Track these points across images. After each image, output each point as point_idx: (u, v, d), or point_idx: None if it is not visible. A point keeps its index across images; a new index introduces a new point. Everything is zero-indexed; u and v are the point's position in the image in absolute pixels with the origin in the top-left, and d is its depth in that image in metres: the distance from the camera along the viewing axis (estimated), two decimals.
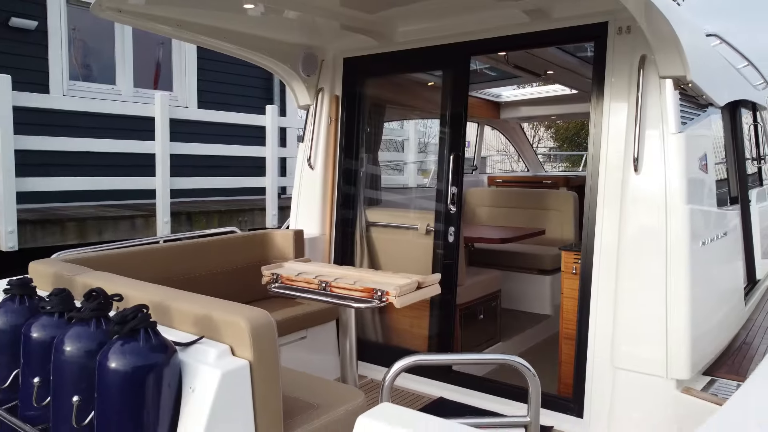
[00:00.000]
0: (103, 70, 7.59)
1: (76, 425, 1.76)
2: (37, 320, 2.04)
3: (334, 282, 2.78)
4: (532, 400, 1.69)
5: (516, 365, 1.72)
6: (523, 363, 1.73)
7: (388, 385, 1.72)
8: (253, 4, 3.03)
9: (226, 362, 1.80)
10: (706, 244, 2.89)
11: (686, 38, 2.60)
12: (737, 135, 4.07)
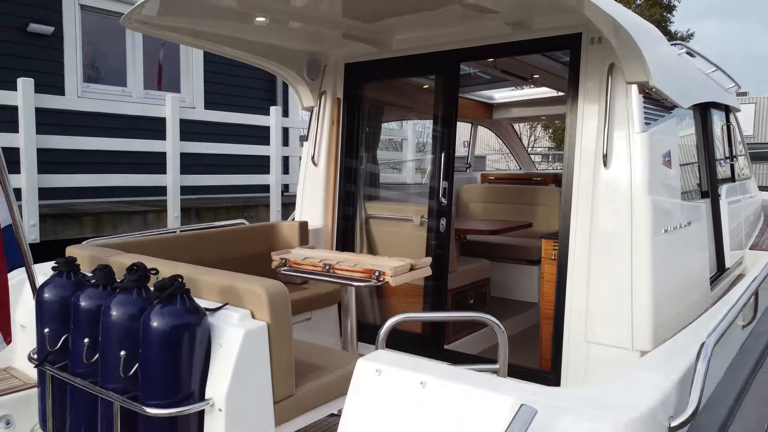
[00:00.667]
0: (114, 73, 7.94)
1: (123, 375, 2.11)
2: (83, 292, 2.38)
3: (337, 265, 3.13)
4: (501, 350, 2.03)
5: (487, 321, 2.06)
6: (493, 319, 2.07)
7: (383, 338, 2.06)
8: (264, 17, 3.38)
9: (248, 324, 2.15)
10: (669, 232, 3.23)
11: (648, 48, 2.94)
12: (707, 134, 4.41)
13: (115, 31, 7.66)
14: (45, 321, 2.47)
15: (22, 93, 5.37)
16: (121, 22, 3.25)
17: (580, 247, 3.31)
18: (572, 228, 3.35)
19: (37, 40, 6.97)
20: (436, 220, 3.96)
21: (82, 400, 2.35)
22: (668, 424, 1.52)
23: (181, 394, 2.05)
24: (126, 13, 3.25)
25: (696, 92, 3.86)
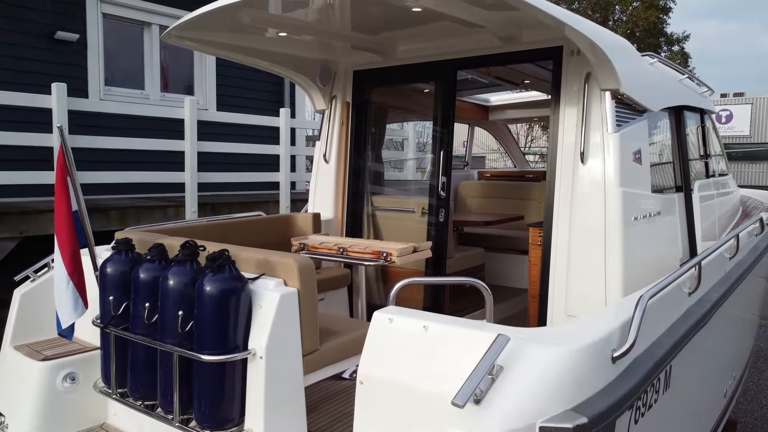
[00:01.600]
0: (133, 77, 8.42)
1: (180, 331, 2.59)
2: (142, 266, 2.86)
3: (350, 248, 3.61)
4: (488, 308, 2.50)
5: (475, 284, 2.53)
6: (480, 282, 2.54)
7: (393, 298, 2.53)
8: (285, 32, 3.87)
9: (282, 289, 2.63)
10: (639, 220, 3.70)
11: (619, 60, 3.41)
12: (681, 134, 4.88)
13: (133, 37, 8.15)
14: (108, 291, 2.95)
15: (56, 97, 5.85)
16: (161, 37, 3.73)
17: (562, 233, 3.78)
18: (555, 217, 3.82)
19: (64, 46, 7.46)
20: (435, 212, 4.44)
21: (141, 355, 2.83)
22: (611, 354, 2.00)
23: (229, 345, 2.53)
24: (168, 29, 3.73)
25: (666, 97, 4.33)
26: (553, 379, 1.80)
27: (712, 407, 3.80)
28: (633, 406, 2.21)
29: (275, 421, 2.56)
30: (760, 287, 5.81)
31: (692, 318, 2.69)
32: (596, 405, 1.81)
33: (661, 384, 2.51)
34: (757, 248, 4.43)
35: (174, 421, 2.64)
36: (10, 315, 3.44)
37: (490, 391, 1.74)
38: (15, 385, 3.17)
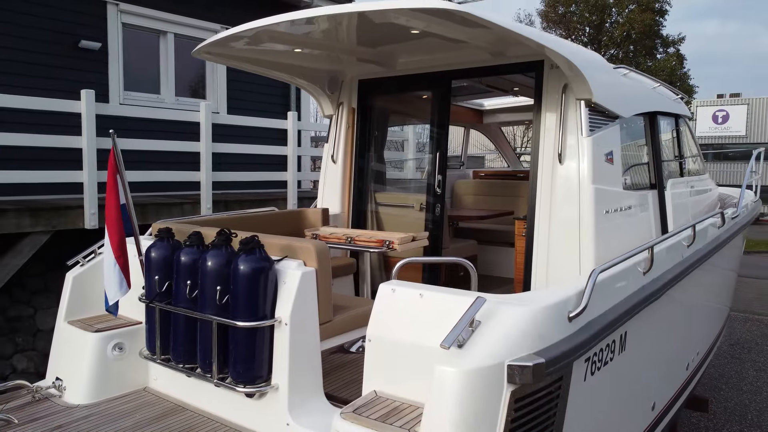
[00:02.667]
0: (150, 82, 8.95)
1: (218, 303, 3.11)
2: (182, 251, 3.39)
3: (357, 237, 4.14)
4: (473, 283, 3.02)
5: (461, 263, 3.05)
6: (466, 262, 3.06)
7: (395, 274, 3.04)
8: (301, 48, 4.40)
9: (302, 269, 3.15)
10: (609, 213, 4.21)
11: (591, 74, 3.92)
12: (655, 137, 5.39)
13: (149, 44, 8.67)
14: (152, 272, 3.48)
15: (85, 102, 6.38)
16: (192, 53, 4.27)
17: (543, 225, 4.28)
18: (536, 211, 4.32)
19: (87, 54, 7.99)
20: (432, 207, 4.97)
21: (182, 326, 3.35)
22: (568, 314, 2.52)
23: (259, 315, 3.05)
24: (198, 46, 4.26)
25: (637, 104, 4.84)
26: (520, 331, 2.33)
27: (672, 375, 4.32)
28: (589, 360, 2.74)
29: (297, 378, 3.09)
30: (727, 278, 6.33)
31: (645, 292, 3.22)
32: (553, 351, 2.34)
33: (617, 346, 3.03)
34: (719, 239, 4.94)
35: (213, 378, 3.17)
36: (63, 295, 3.96)
37: (470, 338, 2.26)
38: (70, 354, 3.69)
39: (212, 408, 3.33)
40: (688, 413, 8.78)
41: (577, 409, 2.65)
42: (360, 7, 3.33)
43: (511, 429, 2.22)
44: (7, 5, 7.46)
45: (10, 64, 7.45)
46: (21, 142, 6.28)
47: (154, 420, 3.30)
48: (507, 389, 2.21)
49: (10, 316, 6.50)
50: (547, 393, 2.38)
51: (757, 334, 13.05)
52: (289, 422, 3.01)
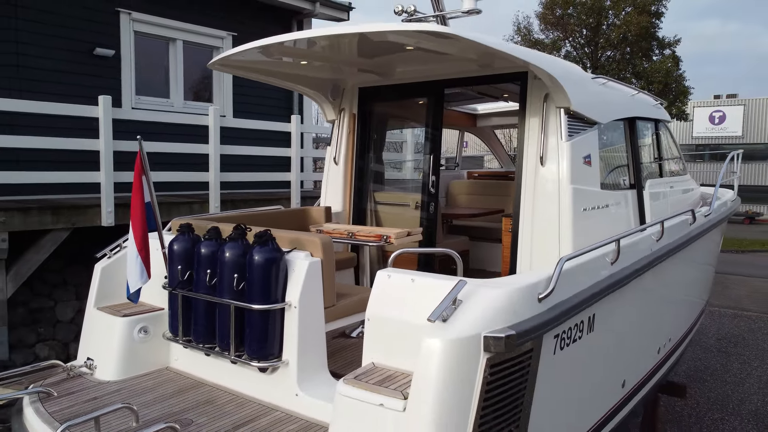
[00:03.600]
0: (159, 86, 9.37)
1: (235, 289, 3.53)
2: (202, 243, 3.81)
3: (357, 232, 4.56)
4: (458, 269, 3.43)
5: (448, 252, 3.46)
6: (453, 252, 3.47)
7: (391, 262, 3.45)
8: (306, 61, 4.82)
9: (309, 259, 3.57)
10: (587, 210, 4.62)
11: (570, 85, 4.33)
12: (634, 141, 5.80)
13: (159, 51, 9.09)
14: (175, 263, 3.90)
15: (103, 107, 6.80)
16: (208, 65, 4.70)
17: (527, 222, 4.69)
18: (521, 209, 4.72)
19: (101, 61, 8.42)
20: (426, 205, 5.39)
21: (202, 310, 3.78)
22: (537, 296, 2.94)
23: (271, 299, 3.47)
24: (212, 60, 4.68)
25: (614, 111, 5.25)
26: (495, 309, 2.75)
27: (643, 357, 4.75)
28: (558, 336, 3.16)
29: (305, 355, 3.51)
30: (701, 272, 6.74)
31: (611, 280, 3.64)
32: (523, 326, 2.76)
33: (585, 326, 3.46)
34: (690, 235, 5.36)
35: (230, 356, 3.59)
36: (93, 284, 4.38)
37: (453, 314, 2.68)
38: (100, 336, 4.11)
39: (229, 383, 3.75)
40: (672, 402, 9.22)
41: (548, 379, 3.07)
42: (361, 28, 3.75)
43: (486, 391, 2.64)
44: (30, 17, 7.89)
45: (33, 72, 7.89)
46: (43, 145, 6.71)
47: (177, 393, 3.72)
48: (483, 356, 2.63)
49: (32, 307, 6.93)
50: (519, 362, 2.81)
51: (744, 329, 13.48)
52: (297, 393, 3.44)
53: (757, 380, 10.24)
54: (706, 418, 8.76)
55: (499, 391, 2.71)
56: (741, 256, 25.07)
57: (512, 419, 2.83)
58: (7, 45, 7.81)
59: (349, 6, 11.50)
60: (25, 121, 6.96)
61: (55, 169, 6.93)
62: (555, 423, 3.29)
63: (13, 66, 7.81)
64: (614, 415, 4.20)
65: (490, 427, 2.69)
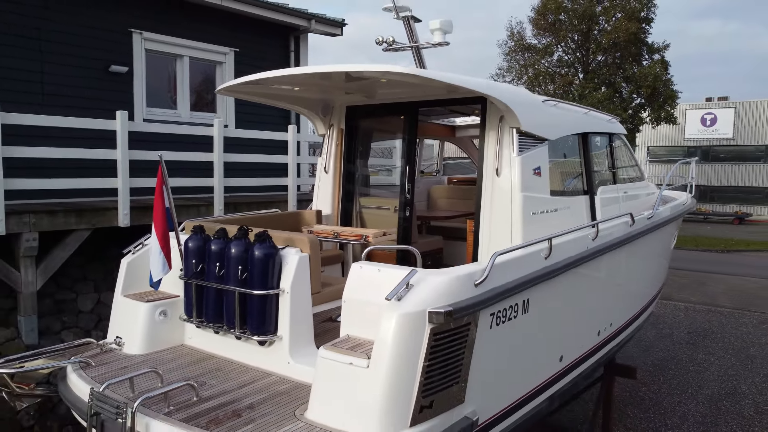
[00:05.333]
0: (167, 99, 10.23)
1: (239, 278, 4.38)
2: (212, 241, 4.66)
3: (341, 233, 5.42)
4: (418, 262, 4.27)
5: (410, 249, 4.31)
6: (413, 249, 4.31)
7: (364, 257, 4.29)
8: (299, 87, 5.69)
9: (299, 254, 4.41)
10: (536, 214, 5.43)
11: (519, 109, 5.15)
12: (587, 153, 6.62)
13: (168, 66, 9.94)
14: (189, 258, 4.75)
15: (120, 121, 7.66)
16: (216, 91, 5.56)
17: (486, 224, 5.49)
18: (481, 212, 5.51)
19: (116, 77, 9.27)
20: (403, 208, 6.23)
21: (212, 297, 4.63)
22: (474, 282, 3.79)
23: (268, 286, 4.31)
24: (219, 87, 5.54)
25: (564, 128, 6.07)
26: (438, 291, 3.60)
27: (581, 337, 5.59)
28: (493, 315, 4.01)
29: (296, 332, 4.37)
30: (645, 268, 7.56)
31: (543, 272, 4.50)
32: (461, 304, 3.60)
33: (520, 308, 4.31)
34: (629, 234, 6.20)
35: (235, 332, 4.45)
36: (120, 275, 5.22)
37: (406, 295, 3.53)
38: (127, 318, 4.96)
39: (234, 355, 4.60)
40: (636, 389, 10.10)
41: (485, 348, 3.92)
42: (346, 68, 4.63)
43: (430, 354, 3.49)
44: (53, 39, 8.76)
45: (56, 87, 8.76)
46: (67, 155, 7.56)
47: (192, 363, 4.58)
48: (428, 327, 3.48)
49: (57, 299, 7.78)
50: (458, 333, 3.66)
51: (715, 323, 14.37)
52: (289, 361, 4.30)
53: (718, 369, 11.13)
54: (665, 401, 9.66)
55: (441, 355, 3.57)
56: (725, 256, 25.95)
57: (452, 377, 3.69)
58: (33, 63, 8.67)
59: (342, 22, 12.35)
60: (52, 133, 7.81)
61: (77, 175, 7.79)
62: (493, 383, 4.15)
63: (38, 83, 8.67)
64: (554, 383, 5.06)
65: (433, 383, 3.54)
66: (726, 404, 9.45)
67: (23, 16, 8.65)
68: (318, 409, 3.60)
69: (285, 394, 4.00)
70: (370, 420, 3.40)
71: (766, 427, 8.68)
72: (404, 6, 5.84)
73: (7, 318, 7.25)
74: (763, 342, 12.77)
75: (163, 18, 10.03)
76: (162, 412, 3.68)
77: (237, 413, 3.69)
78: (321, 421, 3.54)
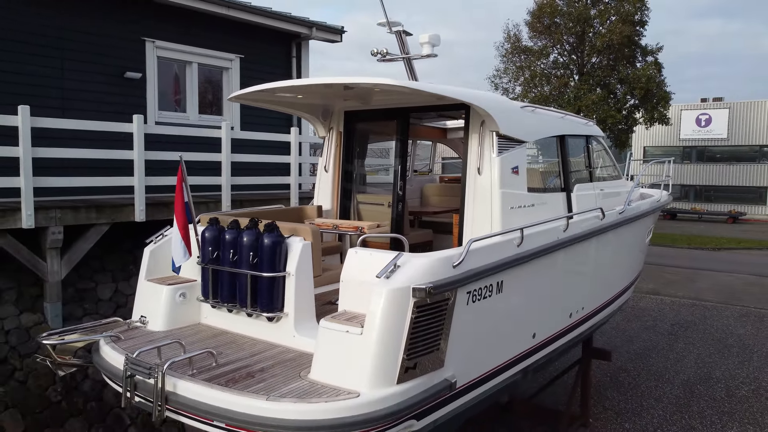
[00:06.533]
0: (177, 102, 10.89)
1: (251, 263, 5.04)
2: (226, 232, 5.31)
3: (340, 225, 6.08)
4: (405, 248, 4.92)
5: (397, 237, 4.96)
6: (401, 236, 4.96)
7: (358, 243, 4.94)
8: (302, 95, 6.35)
9: (303, 242, 5.06)
10: (514, 209, 6.07)
11: (498, 115, 5.79)
12: (564, 153, 7.27)
13: (178, 72, 10.59)
14: (206, 246, 5.41)
15: (136, 124, 8.32)
16: (228, 98, 6.22)
17: (469, 218, 6.10)
18: (465, 207, 6.12)
19: (130, 82, 9.94)
20: (396, 204, 6.88)
21: (226, 280, 5.29)
22: (452, 264, 4.44)
23: (276, 270, 4.97)
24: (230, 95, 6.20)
25: (541, 131, 6.73)
26: (421, 271, 4.25)
27: (553, 317, 6.25)
28: (470, 293, 4.67)
29: (300, 309, 5.02)
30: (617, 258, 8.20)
31: (515, 257, 5.16)
32: (440, 282, 4.26)
33: (494, 288, 4.97)
34: (601, 227, 6.86)
35: (247, 309, 5.10)
36: (143, 262, 5.87)
37: (393, 274, 4.18)
38: (151, 300, 5.62)
39: (246, 330, 5.26)
40: (616, 374, 10.76)
41: (462, 321, 4.58)
42: (344, 80, 5.30)
43: (414, 324, 4.14)
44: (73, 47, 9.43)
45: (75, 93, 9.43)
46: (89, 156, 8.23)
47: (209, 338, 5.23)
48: (411, 301, 4.14)
49: (78, 288, 8.44)
50: (438, 307, 4.31)
51: (698, 316, 15.05)
52: (294, 335, 4.96)
53: (696, 357, 11.81)
54: (643, 385, 10.34)
55: (423, 324, 4.23)
56: (716, 254, 26.63)
57: (433, 344, 4.34)
58: (54, 71, 9.34)
59: (341, 30, 13.02)
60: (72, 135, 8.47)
61: (95, 174, 8.45)
62: (470, 352, 4.80)
63: (59, 89, 9.34)
64: (528, 357, 5.72)
65: (417, 348, 4.20)
66: (699, 388, 10.12)
67: (46, 27, 9.31)
68: (319, 370, 4.26)
69: (291, 361, 4.66)
70: (363, 378, 4.05)
71: (734, 406, 9.36)
72: (396, 21, 6.53)
73: (34, 305, 7.92)
74: (741, 333, 13.45)
75: (173, 27, 10.70)
76: (186, 374, 4.34)
77: (251, 374, 4.35)
78: (322, 379, 4.20)
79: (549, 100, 31.88)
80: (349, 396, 3.96)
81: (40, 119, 7.51)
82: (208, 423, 4.08)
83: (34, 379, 7.33)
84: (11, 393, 7.14)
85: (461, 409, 4.87)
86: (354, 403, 3.91)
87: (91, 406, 7.55)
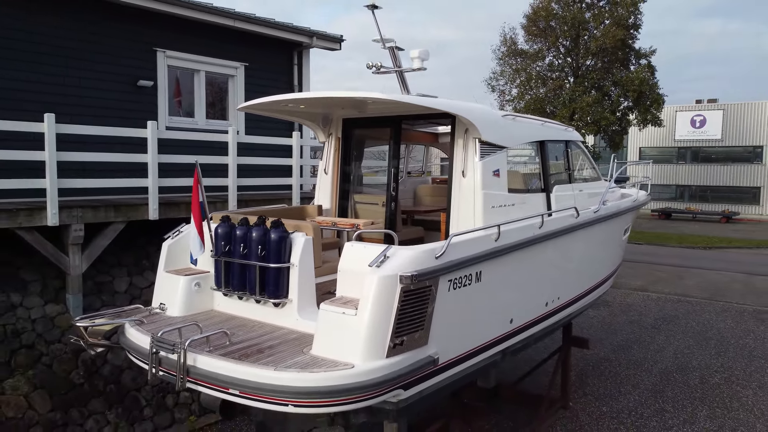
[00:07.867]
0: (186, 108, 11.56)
1: (259, 255, 5.71)
2: (237, 228, 5.98)
3: (338, 222, 6.75)
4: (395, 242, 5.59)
5: (388, 232, 5.64)
6: (391, 231, 5.64)
7: (354, 237, 5.61)
8: (304, 106, 7.03)
9: (305, 237, 5.72)
10: (496, 208, 6.73)
11: (480, 123, 6.46)
12: (544, 157, 7.93)
13: (187, 79, 11.26)
14: (219, 241, 6.08)
15: (150, 130, 9.00)
16: (237, 108, 6.91)
17: (455, 216, 6.77)
18: (451, 207, 6.81)
19: (143, 90, 10.62)
20: (389, 203, 7.56)
21: (237, 270, 5.96)
22: (434, 255, 5.11)
23: (282, 261, 5.64)
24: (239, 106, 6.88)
25: (521, 137, 7.40)
26: (407, 261, 4.92)
27: (530, 305, 6.92)
28: (451, 281, 5.35)
29: (302, 296, 5.69)
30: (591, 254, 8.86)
31: (493, 250, 5.83)
32: (423, 271, 4.93)
33: (474, 277, 5.64)
34: (575, 224, 7.53)
35: (256, 296, 5.78)
36: (162, 256, 6.53)
37: (383, 264, 4.86)
38: (169, 289, 6.28)
39: (254, 315, 5.93)
40: (598, 363, 11.43)
41: (444, 306, 5.25)
42: (342, 94, 5.98)
43: (401, 307, 4.81)
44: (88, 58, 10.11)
45: (91, 100, 10.11)
46: (106, 159, 8.91)
47: (221, 322, 5.90)
48: (399, 287, 4.81)
49: (97, 281, 9.12)
50: (422, 292, 4.99)
51: (682, 311, 15.72)
52: (297, 318, 5.63)
53: (675, 348, 12.49)
54: (622, 373, 11.02)
55: (409, 307, 4.90)
56: (707, 252, 27.32)
57: (418, 324, 5.02)
58: (72, 80, 10.01)
59: (341, 38, 13.69)
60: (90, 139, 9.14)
61: (110, 176, 9.13)
62: (452, 333, 5.48)
63: (76, 96, 10.01)
64: (506, 340, 6.40)
65: (403, 327, 4.87)
66: (675, 376, 10.80)
67: (63, 38, 9.99)
68: (319, 346, 4.94)
69: (295, 340, 5.34)
70: (357, 352, 4.73)
71: (706, 392, 10.03)
72: (390, 38, 7.21)
73: (57, 296, 8.60)
74: (721, 327, 14.13)
75: (182, 37, 11.37)
76: (204, 350, 5.01)
77: (260, 351, 5.03)
78: (321, 354, 4.88)
79: (544, 102, 32.59)
80: (345, 367, 4.63)
81: (64, 126, 8.18)
82: (224, 391, 4.76)
83: (59, 363, 8.01)
84: (39, 376, 7.83)
85: (444, 383, 5.54)
86: (349, 373, 4.58)
87: (110, 389, 8.23)
